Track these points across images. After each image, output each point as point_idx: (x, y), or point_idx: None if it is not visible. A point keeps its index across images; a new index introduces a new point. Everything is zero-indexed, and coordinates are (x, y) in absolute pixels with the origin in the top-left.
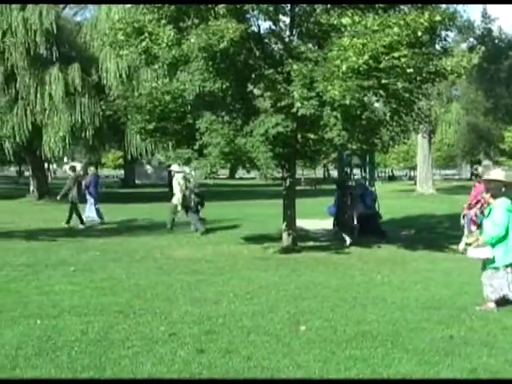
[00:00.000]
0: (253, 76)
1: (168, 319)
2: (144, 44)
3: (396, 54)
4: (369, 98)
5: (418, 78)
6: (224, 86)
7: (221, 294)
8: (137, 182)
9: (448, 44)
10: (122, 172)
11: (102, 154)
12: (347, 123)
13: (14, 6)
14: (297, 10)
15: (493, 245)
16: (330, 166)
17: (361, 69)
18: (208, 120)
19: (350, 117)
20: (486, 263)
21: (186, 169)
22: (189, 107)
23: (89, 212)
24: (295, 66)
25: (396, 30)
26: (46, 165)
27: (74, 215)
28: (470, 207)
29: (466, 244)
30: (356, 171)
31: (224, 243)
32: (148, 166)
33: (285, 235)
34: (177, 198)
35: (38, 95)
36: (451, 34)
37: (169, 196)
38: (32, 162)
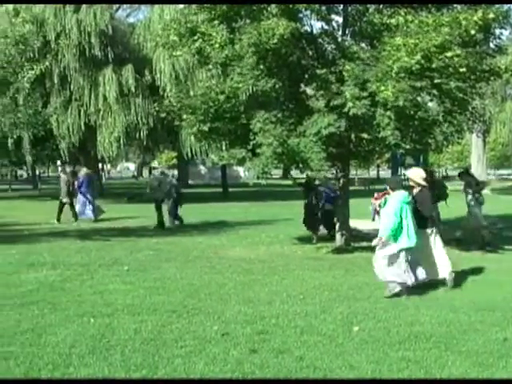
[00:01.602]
0: (306, 76)
1: (221, 319)
2: (197, 45)
3: (449, 54)
4: (422, 98)
5: (472, 77)
6: (277, 86)
7: (274, 294)
8: (190, 182)
9: (502, 42)
10: (176, 172)
11: (156, 154)
12: (400, 123)
13: (67, 7)
14: (349, 9)
15: (394, 236)
16: (383, 166)
17: (413, 69)
18: (262, 120)
19: (403, 117)
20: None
21: (166, 170)
22: (242, 107)
23: (81, 209)
24: (347, 67)
25: (447, 29)
26: (100, 165)
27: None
28: None
29: (376, 245)
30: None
31: (277, 243)
32: (202, 167)
33: (338, 235)
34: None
35: (92, 96)
36: (506, 32)
37: (222, 197)
38: (86, 162)
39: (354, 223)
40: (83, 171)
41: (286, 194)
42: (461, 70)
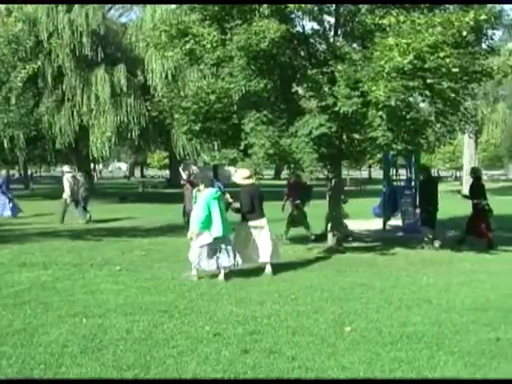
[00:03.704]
0: (297, 76)
1: (213, 319)
2: (188, 46)
3: (441, 54)
4: (414, 98)
5: (464, 78)
6: (268, 86)
7: (265, 294)
8: (182, 182)
9: (494, 43)
10: (168, 172)
11: (148, 154)
12: (392, 123)
13: (60, 7)
14: (341, 9)
15: (206, 227)
16: (375, 167)
17: (405, 69)
18: (253, 120)
19: (395, 117)
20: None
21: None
22: (234, 107)
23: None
24: (339, 67)
25: (440, 29)
26: (91, 165)
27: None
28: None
29: (191, 239)
30: (402, 171)
31: None
32: (193, 167)
33: (330, 236)
34: (66, 194)
35: (85, 96)
36: (497, 33)
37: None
38: (78, 162)
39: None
40: (3, 172)
41: (278, 194)
42: (453, 70)
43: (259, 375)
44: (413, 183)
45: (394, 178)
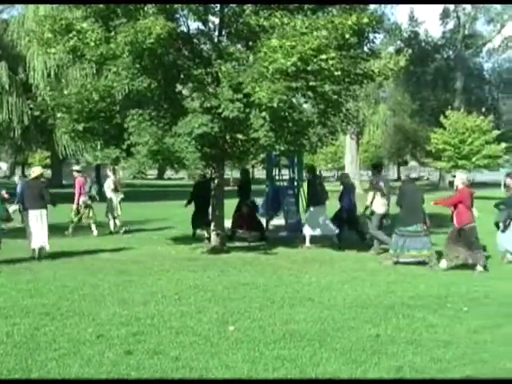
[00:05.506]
0: (181, 76)
1: (96, 321)
2: (72, 42)
3: (324, 57)
4: (297, 100)
5: (346, 80)
6: (152, 86)
7: (149, 294)
8: (64, 182)
9: (375, 46)
10: (49, 172)
11: (29, 153)
12: (275, 124)
13: None
14: (226, 10)
15: None
16: (258, 167)
17: (289, 70)
18: (136, 119)
19: (278, 118)
20: None
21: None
22: (117, 106)
23: None
24: (223, 68)
25: (324, 32)
26: None
27: None
28: None
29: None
30: (285, 172)
31: (152, 244)
32: (76, 167)
33: (213, 235)
34: None
35: None
36: (379, 37)
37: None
38: None
39: (229, 223)
40: None
41: (161, 194)
42: (336, 73)
43: (143, 375)
44: (295, 183)
45: (277, 178)
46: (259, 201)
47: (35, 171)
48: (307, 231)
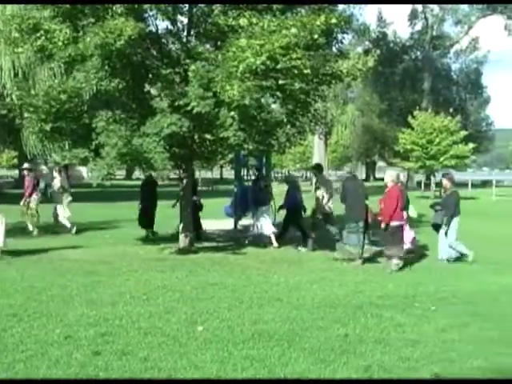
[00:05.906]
0: (150, 76)
1: (64, 322)
2: (39, 42)
3: (293, 56)
4: (266, 100)
5: (315, 80)
6: (120, 86)
7: (117, 295)
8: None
9: (344, 47)
10: (17, 172)
11: None
12: (244, 123)
13: None
14: (195, 10)
15: None
16: (227, 167)
17: (258, 69)
18: (104, 119)
19: (247, 117)
20: None
21: None
22: (85, 107)
23: None
24: (193, 67)
25: (293, 31)
26: None
27: None
28: None
29: None
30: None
31: (120, 244)
32: (43, 167)
33: (181, 236)
34: None
35: None
36: (347, 37)
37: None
38: None
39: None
40: None
41: (129, 194)
42: (305, 71)
43: (112, 376)
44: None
45: (246, 178)
46: (228, 201)
47: None
48: (268, 230)
